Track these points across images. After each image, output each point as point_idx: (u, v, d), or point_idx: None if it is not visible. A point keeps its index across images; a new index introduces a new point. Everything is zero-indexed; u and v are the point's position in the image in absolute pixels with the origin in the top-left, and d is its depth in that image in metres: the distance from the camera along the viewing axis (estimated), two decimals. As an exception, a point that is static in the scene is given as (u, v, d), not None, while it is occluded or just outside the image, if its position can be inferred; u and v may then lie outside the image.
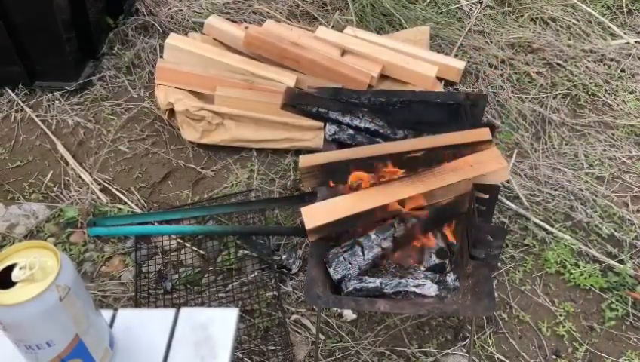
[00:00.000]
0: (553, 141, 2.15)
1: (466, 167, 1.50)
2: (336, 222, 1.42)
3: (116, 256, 1.75)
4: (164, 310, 0.99)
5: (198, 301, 1.62)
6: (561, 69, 2.45)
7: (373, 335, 1.57)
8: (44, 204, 1.88)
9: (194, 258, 1.74)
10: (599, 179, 2.01)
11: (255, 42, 2.19)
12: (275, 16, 2.58)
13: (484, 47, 2.52)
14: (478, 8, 2.76)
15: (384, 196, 1.45)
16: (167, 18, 2.56)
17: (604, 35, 2.65)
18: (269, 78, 2.09)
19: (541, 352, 1.56)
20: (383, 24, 2.58)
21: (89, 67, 2.35)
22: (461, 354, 1.53)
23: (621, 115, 2.26)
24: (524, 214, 1.87)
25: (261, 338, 1.54)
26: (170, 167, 2.03)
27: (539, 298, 1.67)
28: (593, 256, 1.77)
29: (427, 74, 2.12)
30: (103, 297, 1.64)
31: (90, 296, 0.84)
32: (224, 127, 2.03)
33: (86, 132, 2.14)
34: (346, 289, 1.37)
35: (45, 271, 0.76)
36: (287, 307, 1.62)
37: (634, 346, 1.58)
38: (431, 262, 1.45)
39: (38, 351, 0.78)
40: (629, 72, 2.45)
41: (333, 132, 1.69)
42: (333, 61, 2.15)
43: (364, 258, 1.40)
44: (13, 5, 2.05)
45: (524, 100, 2.29)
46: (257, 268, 1.70)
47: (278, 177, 1.98)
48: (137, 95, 2.28)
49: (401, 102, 1.74)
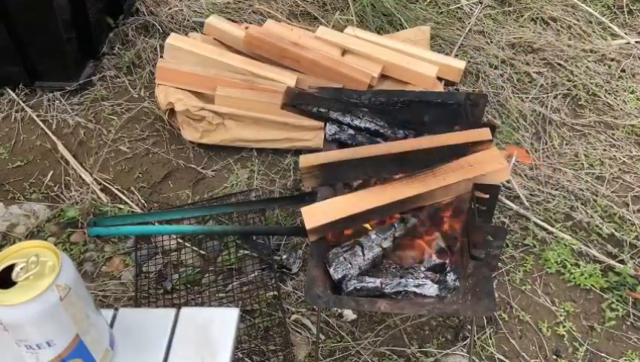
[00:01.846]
0: (554, 141, 2.15)
1: (466, 167, 1.50)
2: (336, 222, 1.42)
3: (116, 256, 1.75)
4: (164, 310, 0.99)
5: (198, 301, 1.62)
6: (562, 69, 2.45)
7: (374, 335, 1.57)
8: (45, 204, 1.88)
9: (194, 258, 1.74)
10: (600, 179, 2.01)
11: (255, 42, 2.19)
12: (275, 16, 2.59)
13: (484, 47, 2.52)
14: (479, 8, 2.76)
15: (384, 196, 1.45)
16: (167, 18, 2.56)
17: (604, 35, 2.65)
18: (270, 78, 2.09)
19: (541, 352, 1.56)
20: (384, 24, 2.58)
21: (89, 67, 2.35)
22: (461, 354, 1.53)
23: (621, 115, 2.26)
24: (524, 214, 1.87)
25: (261, 338, 1.54)
26: (171, 166, 2.03)
27: (539, 298, 1.67)
28: (593, 255, 1.77)
29: (427, 74, 2.12)
30: (103, 297, 1.64)
31: (90, 296, 0.84)
32: (224, 127, 2.03)
33: (86, 132, 2.14)
34: (346, 289, 1.37)
35: (45, 271, 0.76)
36: (288, 307, 1.62)
37: (634, 346, 1.57)
38: (431, 262, 1.45)
39: (38, 350, 0.78)
40: (629, 72, 2.45)
41: (334, 132, 1.69)
42: (333, 61, 2.15)
43: (364, 258, 1.40)
44: (13, 5, 2.06)
45: (525, 100, 2.29)
46: (257, 268, 1.70)
47: (278, 177, 1.98)
48: (138, 95, 2.28)
49: (401, 102, 1.74)
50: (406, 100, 1.73)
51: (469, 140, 1.56)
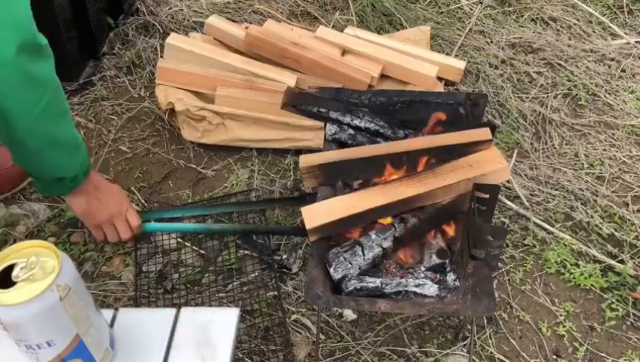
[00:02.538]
0: (554, 141, 2.15)
1: (466, 167, 1.50)
2: (336, 222, 1.42)
3: (116, 256, 1.75)
4: (164, 310, 1.00)
5: (198, 301, 1.63)
6: (562, 68, 2.45)
7: (374, 335, 1.57)
8: (45, 204, 1.88)
9: (194, 257, 1.74)
10: (599, 179, 2.01)
11: (256, 42, 2.19)
12: (275, 16, 2.59)
13: (484, 47, 2.53)
14: (479, 8, 2.76)
15: (384, 196, 1.45)
16: (167, 18, 2.56)
17: (604, 35, 2.65)
18: (270, 78, 2.09)
19: (541, 352, 1.56)
20: (384, 24, 2.58)
21: (89, 67, 2.35)
22: (461, 354, 1.53)
23: (621, 115, 2.26)
24: (524, 214, 1.87)
25: (261, 338, 1.54)
26: (171, 166, 2.03)
27: (539, 298, 1.67)
28: (593, 255, 1.77)
29: (428, 74, 2.12)
30: (103, 297, 1.64)
31: (90, 296, 0.84)
32: (225, 127, 2.03)
33: (86, 132, 2.14)
34: (347, 289, 1.37)
35: (45, 271, 0.76)
36: (288, 307, 1.62)
37: (634, 346, 1.58)
38: (431, 262, 1.45)
39: (38, 350, 0.78)
40: (629, 72, 2.45)
41: (334, 132, 1.69)
42: (333, 61, 2.15)
43: (364, 258, 1.40)
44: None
45: (525, 100, 2.29)
46: (258, 268, 1.70)
47: (278, 177, 1.98)
48: (138, 95, 2.28)
49: (401, 102, 1.74)
50: (406, 100, 1.73)
51: (469, 140, 1.56)
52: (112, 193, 1.43)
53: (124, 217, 1.44)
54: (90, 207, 1.38)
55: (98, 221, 1.42)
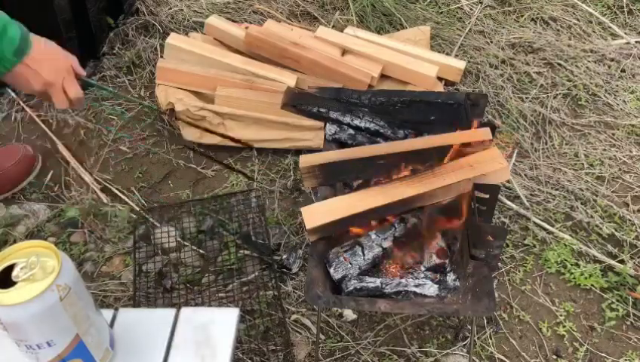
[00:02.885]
0: (554, 141, 2.15)
1: (466, 167, 1.50)
2: (336, 222, 1.42)
3: (116, 256, 1.75)
4: (164, 310, 0.99)
5: (198, 301, 1.63)
6: (562, 68, 2.45)
7: (374, 335, 1.57)
8: (45, 204, 1.88)
9: (194, 257, 1.74)
10: (599, 179, 2.01)
11: (255, 42, 2.19)
12: (275, 16, 2.58)
13: (484, 47, 2.52)
14: (479, 8, 2.76)
15: (384, 196, 1.45)
16: (167, 18, 2.56)
17: (604, 35, 2.65)
18: (270, 78, 2.09)
19: (541, 352, 1.56)
20: (384, 24, 2.58)
21: (90, 67, 2.35)
22: (461, 354, 1.53)
23: (621, 114, 2.26)
24: (524, 214, 1.87)
25: (261, 338, 1.54)
26: (171, 166, 2.03)
27: (539, 298, 1.67)
28: (593, 255, 1.77)
29: (428, 74, 2.12)
30: (103, 297, 1.64)
31: (90, 296, 0.84)
32: (225, 127, 2.03)
33: (86, 132, 2.14)
34: (346, 289, 1.37)
35: (45, 271, 0.76)
36: (288, 307, 1.62)
37: (634, 346, 1.57)
38: (431, 262, 1.45)
39: (38, 350, 0.78)
40: (629, 72, 2.45)
41: (334, 132, 1.69)
42: (333, 61, 2.15)
43: (364, 258, 1.40)
44: (13, 5, 2.05)
45: (525, 100, 2.29)
46: (257, 268, 1.70)
47: (278, 177, 1.98)
48: (138, 95, 2.28)
49: (401, 102, 1.74)
50: (406, 100, 1.73)
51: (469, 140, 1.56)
52: (49, 60, 1.34)
53: (60, 87, 1.33)
54: (22, 78, 1.29)
55: (31, 90, 1.35)
